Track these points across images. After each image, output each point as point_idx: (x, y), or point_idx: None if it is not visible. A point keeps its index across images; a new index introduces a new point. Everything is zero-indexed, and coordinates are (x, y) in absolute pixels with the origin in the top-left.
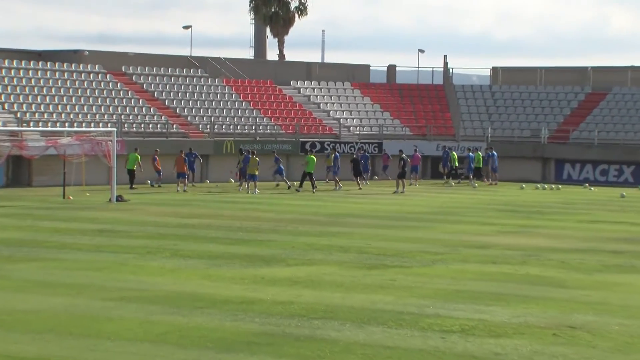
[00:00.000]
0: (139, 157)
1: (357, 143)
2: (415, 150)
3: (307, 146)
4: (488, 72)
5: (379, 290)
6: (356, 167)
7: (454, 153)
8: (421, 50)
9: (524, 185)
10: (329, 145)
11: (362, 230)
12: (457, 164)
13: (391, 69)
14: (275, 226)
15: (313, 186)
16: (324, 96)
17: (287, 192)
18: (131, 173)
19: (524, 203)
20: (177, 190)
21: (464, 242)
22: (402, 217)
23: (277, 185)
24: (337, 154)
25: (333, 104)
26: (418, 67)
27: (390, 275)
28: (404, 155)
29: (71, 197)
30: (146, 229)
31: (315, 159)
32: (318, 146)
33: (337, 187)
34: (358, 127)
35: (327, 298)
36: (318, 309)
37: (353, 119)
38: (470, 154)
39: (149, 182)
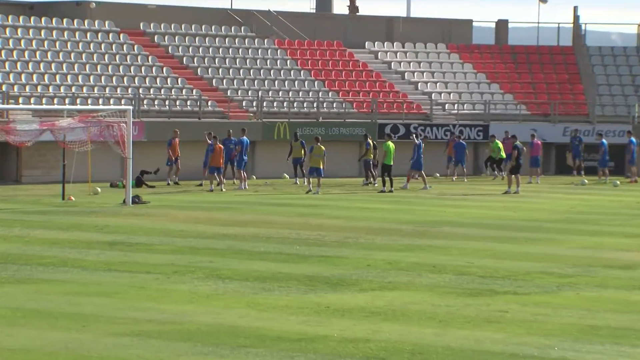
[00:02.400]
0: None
1: (454, 126)
2: (534, 136)
3: (387, 130)
4: (634, 29)
5: (484, 325)
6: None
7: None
8: (542, 0)
9: None
10: (415, 128)
11: (461, 243)
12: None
13: (501, 25)
14: (345, 238)
15: (391, 184)
16: (409, 63)
17: (361, 190)
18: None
19: None
20: (211, 190)
21: (601, 260)
22: (516, 226)
23: (369, 183)
24: (418, 141)
25: (422, 73)
26: (538, 23)
27: (500, 305)
28: (517, 142)
29: (73, 198)
30: (172, 240)
31: (393, 148)
32: (402, 130)
33: (425, 187)
34: (456, 105)
35: (414, 335)
36: (402, 349)
37: (449, 93)
38: (603, 140)
39: (168, 181)
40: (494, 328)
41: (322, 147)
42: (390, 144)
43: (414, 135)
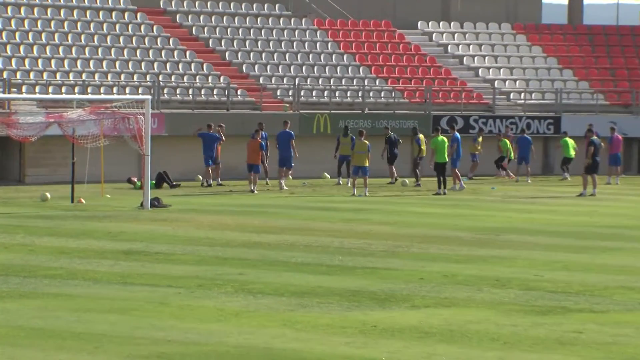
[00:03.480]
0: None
1: (520, 118)
2: (614, 130)
3: (443, 123)
4: None
5: (556, 347)
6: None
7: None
8: None
9: None
10: (476, 121)
11: (529, 253)
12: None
13: (575, 2)
14: (394, 247)
15: (444, 185)
16: (469, 45)
17: (409, 191)
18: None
19: None
20: (252, 191)
21: None
22: (592, 234)
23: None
24: (455, 133)
25: (483, 57)
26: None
27: (574, 325)
28: (595, 137)
29: (83, 201)
30: (197, 249)
31: (446, 142)
32: (460, 123)
33: (457, 187)
34: (523, 94)
35: (474, 359)
36: None
37: (515, 80)
38: None
39: (201, 178)
40: (567, 351)
41: (367, 142)
42: (441, 139)
43: (480, 132)
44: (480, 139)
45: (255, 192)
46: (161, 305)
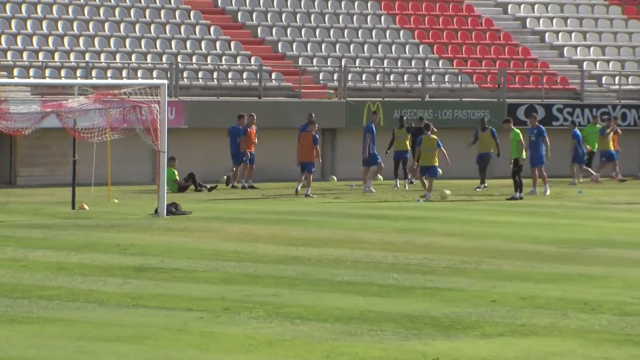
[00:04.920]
0: (176, 172)
1: (614, 107)
2: None
3: (520, 113)
4: None
5: None
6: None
7: None
8: None
9: None
10: (560, 110)
11: (624, 271)
12: None
13: None
14: (461, 262)
15: (518, 186)
16: (551, 19)
17: (478, 196)
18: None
19: None
20: (308, 194)
21: None
22: None
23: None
24: (575, 130)
25: (569, 34)
26: None
27: None
28: None
29: (86, 207)
30: (222, 265)
31: (519, 135)
32: (541, 113)
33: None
34: (617, 78)
35: None
36: None
37: (607, 61)
38: None
39: (226, 178)
40: None
41: (435, 136)
42: (517, 132)
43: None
44: (610, 131)
45: (312, 195)
46: (180, 333)
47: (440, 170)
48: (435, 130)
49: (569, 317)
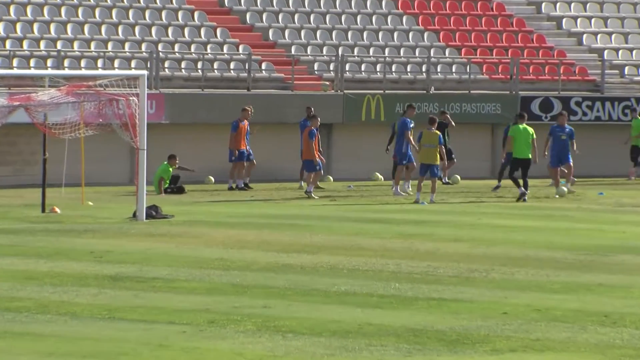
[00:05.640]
0: (170, 170)
1: (638, 100)
2: None
3: (534, 107)
4: None
5: None
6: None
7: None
8: None
9: None
10: (579, 104)
11: None
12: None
13: None
14: (468, 271)
15: (522, 185)
16: (569, 4)
17: (488, 198)
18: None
19: None
20: (309, 190)
21: None
22: None
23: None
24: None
25: (588, 19)
26: None
27: None
28: None
29: (58, 210)
30: (207, 274)
31: (531, 132)
32: (556, 107)
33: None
34: None
35: None
36: None
37: (630, 50)
38: None
39: (212, 180)
40: None
41: (438, 132)
42: (522, 127)
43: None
44: None
45: (315, 197)
46: (160, 348)
47: (458, 177)
48: (454, 124)
49: (588, 331)
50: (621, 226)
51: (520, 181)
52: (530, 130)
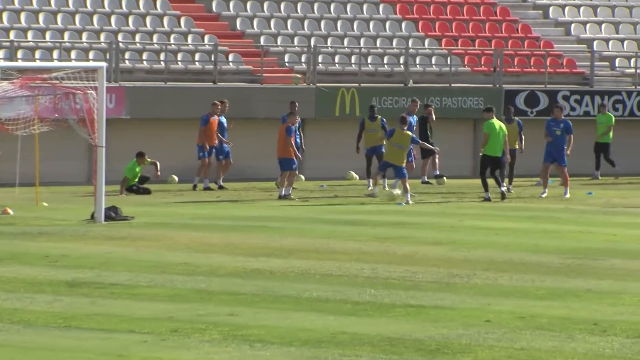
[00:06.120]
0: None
1: (630, 94)
2: None
3: (519, 101)
4: None
5: None
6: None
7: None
8: None
9: None
10: (566, 98)
11: (639, 286)
12: None
13: None
14: (449, 276)
15: (497, 185)
16: None
17: (471, 199)
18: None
19: None
20: (285, 194)
21: None
22: None
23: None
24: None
25: (576, 8)
26: None
27: None
28: None
29: (10, 211)
30: (170, 280)
31: (504, 129)
32: (543, 101)
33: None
34: (633, 60)
35: None
36: None
37: (621, 41)
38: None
39: (176, 179)
40: None
41: (410, 133)
42: (496, 123)
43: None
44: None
45: (293, 197)
46: (120, 359)
47: (445, 179)
48: (434, 118)
49: (576, 340)
50: (611, 228)
51: (491, 180)
52: (504, 127)
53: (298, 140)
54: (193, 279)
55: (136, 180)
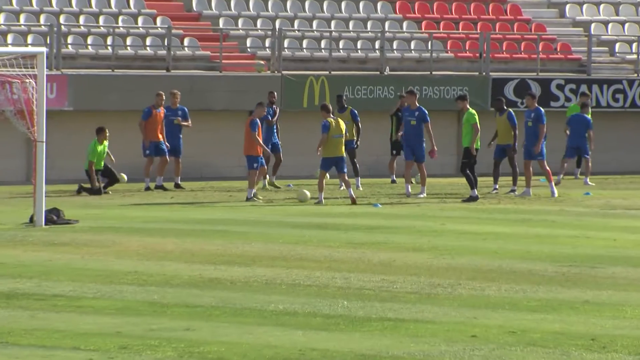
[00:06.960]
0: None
1: (631, 83)
2: None
3: (509, 90)
4: None
5: None
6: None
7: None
8: None
9: None
10: (561, 87)
11: None
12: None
13: None
14: (430, 286)
15: (474, 183)
16: None
17: (454, 200)
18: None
19: None
20: (249, 196)
21: None
22: None
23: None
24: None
25: None
26: None
27: None
28: None
29: None
30: (118, 290)
31: (475, 116)
32: (535, 91)
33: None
34: (634, 45)
35: None
36: None
37: (621, 24)
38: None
39: (125, 178)
40: None
41: (341, 121)
42: (472, 112)
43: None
44: None
45: (257, 198)
46: None
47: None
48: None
49: (572, 357)
50: (611, 232)
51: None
52: (473, 112)
53: (276, 135)
54: (144, 289)
55: (102, 163)
